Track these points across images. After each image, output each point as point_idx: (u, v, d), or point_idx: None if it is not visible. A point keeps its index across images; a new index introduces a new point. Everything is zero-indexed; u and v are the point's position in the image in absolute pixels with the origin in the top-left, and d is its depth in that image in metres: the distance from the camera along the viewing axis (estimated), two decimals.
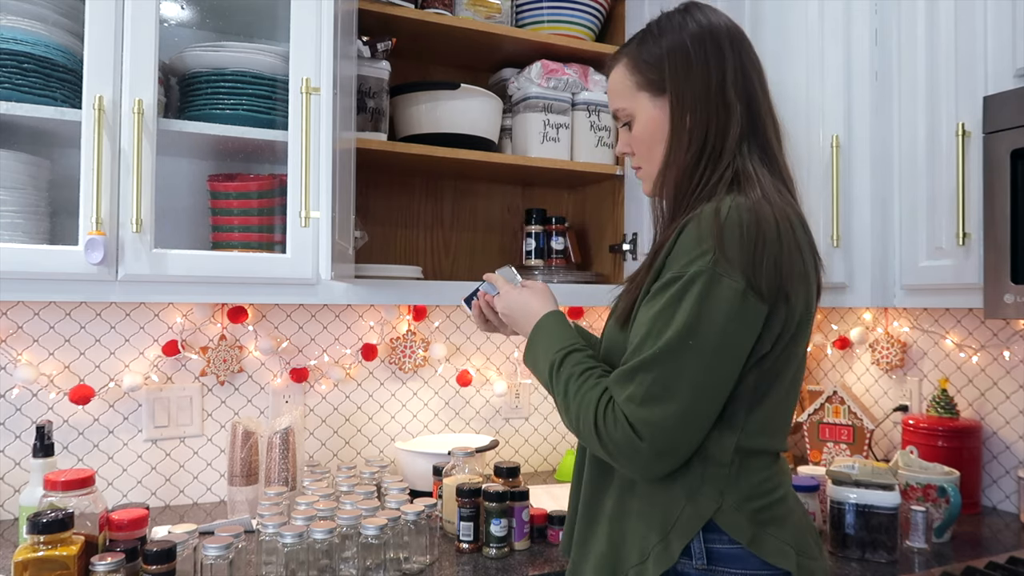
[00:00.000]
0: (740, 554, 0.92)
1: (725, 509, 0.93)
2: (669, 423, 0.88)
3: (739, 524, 0.93)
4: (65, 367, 1.59)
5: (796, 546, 0.94)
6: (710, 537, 0.93)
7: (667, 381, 0.88)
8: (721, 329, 0.88)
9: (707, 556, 0.93)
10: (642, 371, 0.89)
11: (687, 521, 0.93)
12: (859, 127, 1.63)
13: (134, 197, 1.31)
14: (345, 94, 1.41)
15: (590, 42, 1.89)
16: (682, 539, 0.93)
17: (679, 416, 0.88)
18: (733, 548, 0.93)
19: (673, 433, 0.89)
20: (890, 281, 1.62)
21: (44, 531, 1.01)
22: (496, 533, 1.34)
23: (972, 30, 1.43)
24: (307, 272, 1.45)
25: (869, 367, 2.05)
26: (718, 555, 0.93)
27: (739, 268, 0.88)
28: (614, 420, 0.90)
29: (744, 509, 0.93)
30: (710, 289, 0.88)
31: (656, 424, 0.88)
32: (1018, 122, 1.31)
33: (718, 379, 0.90)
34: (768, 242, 0.90)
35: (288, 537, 1.17)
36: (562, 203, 2.14)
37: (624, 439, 0.89)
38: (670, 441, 0.89)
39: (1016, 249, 1.30)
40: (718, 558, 0.93)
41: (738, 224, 0.90)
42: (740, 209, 0.91)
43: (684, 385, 0.88)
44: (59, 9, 1.36)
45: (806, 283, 0.96)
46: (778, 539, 0.94)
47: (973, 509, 1.67)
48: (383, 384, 1.89)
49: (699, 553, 0.93)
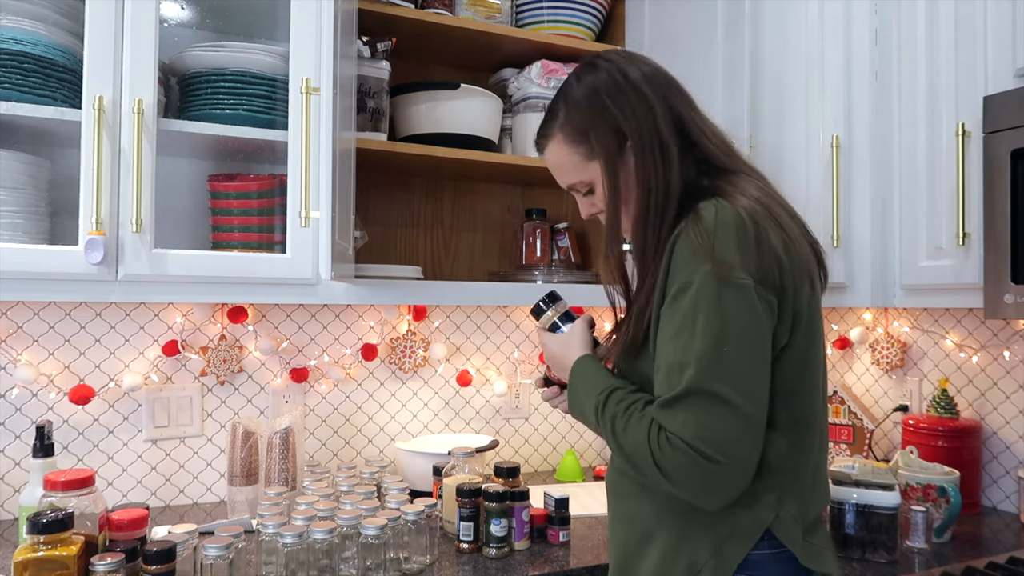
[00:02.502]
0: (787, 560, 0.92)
1: (783, 517, 0.92)
2: (737, 436, 0.85)
3: (796, 535, 0.92)
4: (65, 367, 1.59)
5: (832, 551, 0.96)
6: (763, 544, 0.92)
7: (719, 397, 0.85)
8: (748, 326, 0.87)
9: (757, 565, 0.92)
10: (690, 395, 0.86)
11: (746, 530, 0.91)
12: (859, 127, 1.63)
13: (134, 197, 1.31)
14: (345, 94, 1.41)
15: (590, 42, 1.89)
16: (741, 548, 0.91)
17: (744, 426, 0.85)
18: (778, 553, 0.92)
19: (746, 448, 0.86)
20: (890, 281, 1.62)
21: (44, 531, 1.01)
22: (496, 533, 1.34)
23: (972, 30, 1.43)
24: (307, 272, 1.45)
25: (869, 367, 2.05)
26: (759, 561, 0.92)
27: (741, 265, 0.87)
28: (672, 451, 0.86)
29: (801, 518, 0.93)
30: (722, 293, 0.87)
31: (724, 442, 0.84)
32: (1018, 122, 1.31)
33: (761, 377, 0.88)
34: (760, 232, 0.89)
35: (288, 537, 1.17)
36: (562, 203, 2.14)
37: (690, 465, 0.85)
38: (743, 454, 0.86)
39: (1016, 249, 1.30)
40: (757, 565, 0.91)
41: (727, 223, 0.89)
42: (724, 210, 0.90)
43: (735, 393, 0.85)
44: (59, 9, 1.36)
45: (807, 269, 0.95)
46: (818, 545, 0.94)
47: (973, 509, 1.67)
48: (383, 384, 1.89)
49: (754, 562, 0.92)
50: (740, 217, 0.89)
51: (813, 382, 0.97)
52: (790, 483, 0.93)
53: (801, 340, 0.93)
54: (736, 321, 0.86)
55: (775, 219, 0.93)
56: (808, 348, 0.95)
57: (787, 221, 0.95)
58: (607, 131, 0.99)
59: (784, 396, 0.92)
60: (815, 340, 0.97)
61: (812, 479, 0.97)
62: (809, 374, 0.96)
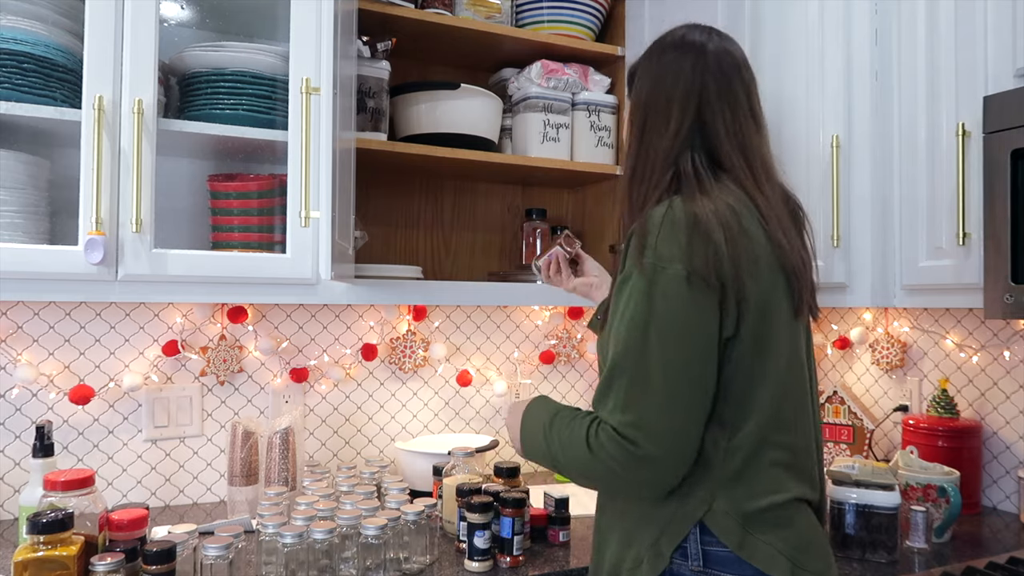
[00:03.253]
0: (735, 559, 0.92)
1: (715, 511, 0.92)
2: (654, 419, 0.88)
3: (728, 528, 0.92)
4: (65, 367, 1.59)
5: (791, 555, 0.92)
6: (706, 539, 0.93)
7: (639, 380, 0.88)
8: (675, 314, 0.89)
9: (703, 558, 0.92)
10: (615, 379, 0.91)
11: (677, 523, 0.93)
12: (859, 127, 1.63)
13: (134, 197, 1.31)
14: (345, 94, 1.41)
15: (590, 42, 1.89)
16: (672, 541, 0.93)
17: (661, 409, 0.88)
18: (728, 552, 0.92)
19: (661, 429, 0.88)
20: (890, 281, 1.62)
21: (44, 531, 1.01)
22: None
23: (972, 30, 1.43)
24: (307, 272, 1.45)
25: (869, 367, 2.05)
26: (714, 558, 0.92)
27: (678, 258, 0.90)
28: (606, 437, 0.89)
29: (735, 513, 0.92)
30: (654, 281, 0.90)
31: (643, 425, 0.88)
32: (1018, 122, 1.30)
33: (690, 363, 0.89)
34: (705, 231, 0.91)
35: (288, 537, 1.17)
36: (562, 203, 2.14)
37: (618, 451, 0.88)
38: (662, 439, 0.88)
39: (1016, 249, 1.30)
40: (714, 561, 0.92)
41: (673, 220, 0.93)
42: (676, 208, 0.94)
43: (657, 377, 0.88)
44: (59, 9, 1.36)
45: (758, 268, 0.95)
46: (771, 546, 0.92)
47: (973, 509, 1.67)
48: (383, 384, 1.89)
49: (695, 555, 0.93)
50: (686, 215, 0.93)
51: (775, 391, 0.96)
52: (729, 478, 0.93)
53: (751, 335, 0.94)
54: (665, 308, 0.89)
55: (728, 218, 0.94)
56: (765, 352, 0.95)
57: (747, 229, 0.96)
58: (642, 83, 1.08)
59: (734, 397, 0.93)
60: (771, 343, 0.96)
61: (767, 476, 0.95)
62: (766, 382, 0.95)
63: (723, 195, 0.97)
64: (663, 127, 1.03)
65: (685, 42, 1.06)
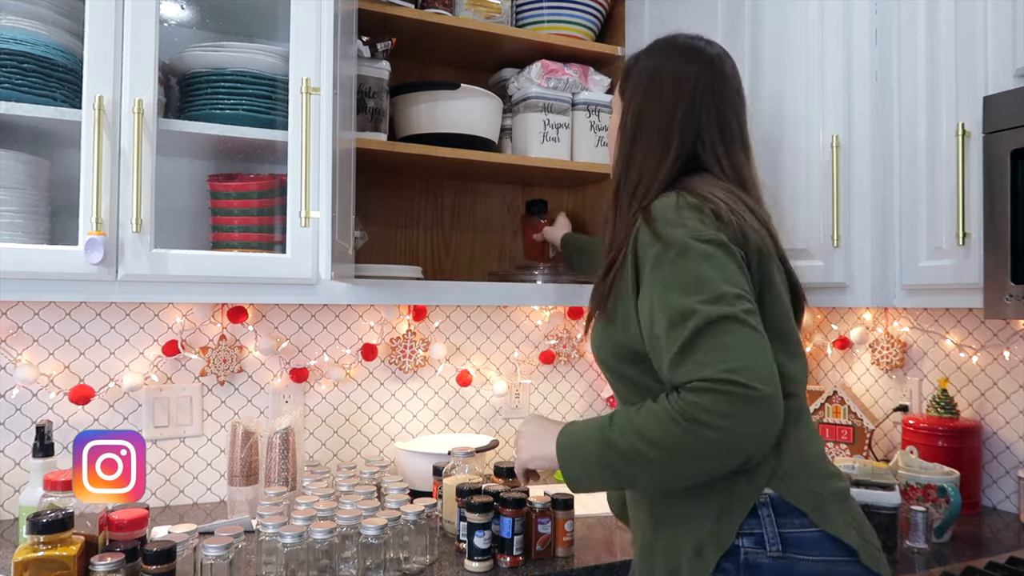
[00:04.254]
0: (816, 539, 0.89)
1: (781, 474, 0.91)
2: (757, 358, 0.84)
3: (799, 490, 0.90)
4: (65, 367, 1.59)
5: (857, 527, 0.92)
6: (783, 522, 0.90)
7: (719, 328, 0.85)
8: (735, 272, 0.90)
9: (782, 542, 0.89)
10: (703, 333, 0.84)
11: (741, 495, 0.90)
12: (859, 127, 1.63)
13: (134, 197, 1.31)
14: (345, 94, 1.41)
15: (590, 42, 1.89)
16: (739, 514, 0.90)
17: (757, 348, 0.84)
18: (808, 533, 0.90)
19: (766, 368, 0.84)
20: (890, 281, 1.62)
21: (44, 531, 1.01)
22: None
23: (972, 30, 1.43)
24: (307, 272, 1.45)
25: (869, 367, 2.05)
26: (794, 541, 0.89)
27: (708, 228, 0.93)
28: (702, 397, 0.82)
29: (801, 474, 0.91)
30: (703, 249, 0.91)
31: (746, 368, 0.82)
32: (1018, 122, 1.30)
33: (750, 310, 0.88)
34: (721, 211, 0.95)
35: (288, 537, 1.17)
36: (562, 203, 2.14)
37: (725, 402, 0.81)
38: (770, 377, 0.83)
39: (1016, 249, 1.30)
40: (794, 544, 0.89)
41: (687, 203, 0.96)
42: (684, 196, 0.97)
43: (733, 322, 0.85)
44: (59, 9, 1.36)
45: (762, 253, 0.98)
46: (842, 514, 0.91)
47: (973, 509, 1.67)
48: (383, 384, 1.89)
49: (773, 539, 0.89)
50: (699, 199, 0.96)
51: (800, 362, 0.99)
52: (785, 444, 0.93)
53: (772, 307, 0.97)
54: (723, 266, 0.90)
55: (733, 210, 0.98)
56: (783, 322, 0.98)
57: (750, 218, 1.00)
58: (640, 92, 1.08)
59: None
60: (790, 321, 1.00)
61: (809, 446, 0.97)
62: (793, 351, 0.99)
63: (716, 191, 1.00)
64: (659, 149, 1.04)
65: (689, 55, 1.07)
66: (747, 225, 0.97)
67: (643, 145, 1.05)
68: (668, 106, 1.04)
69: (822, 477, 0.95)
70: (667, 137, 1.04)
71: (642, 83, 1.08)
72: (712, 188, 1.00)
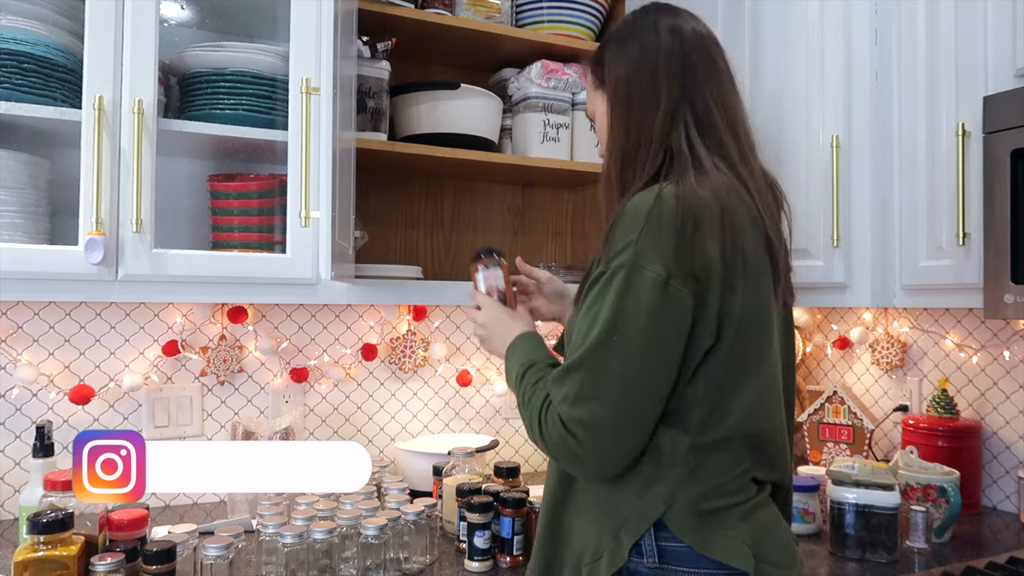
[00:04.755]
0: (691, 553, 0.90)
1: (675, 509, 0.91)
2: (600, 422, 0.88)
3: (688, 525, 0.91)
4: (65, 367, 1.59)
5: (755, 549, 0.91)
6: (661, 535, 0.91)
7: (595, 380, 0.89)
8: (645, 324, 0.87)
9: (658, 554, 0.91)
10: (573, 371, 0.91)
11: (636, 521, 0.92)
12: (859, 127, 1.63)
13: (134, 197, 1.31)
14: (345, 94, 1.41)
15: (590, 42, 1.89)
16: (631, 537, 0.92)
17: (610, 416, 0.88)
18: (684, 547, 0.90)
19: (605, 432, 0.89)
20: (890, 281, 1.62)
21: (44, 531, 1.02)
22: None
23: (972, 30, 1.43)
24: (307, 272, 1.45)
25: (869, 367, 2.05)
26: (670, 553, 0.91)
27: (659, 259, 0.88)
28: (552, 421, 0.91)
29: (696, 510, 0.91)
30: (631, 282, 0.88)
31: (587, 424, 0.88)
32: (1018, 122, 1.31)
33: (650, 375, 0.89)
34: (697, 229, 0.89)
35: (288, 537, 1.17)
36: (562, 203, 2.14)
37: (560, 439, 0.91)
38: (603, 441, 0.89)
39: (1016, 249, 1.30)
40: (670, 556, 0.91)
41: (662, 213, 0.89)
42: (667, 198, 0.90)
43: (612, 383, 0.88)
44: (59, 9, 1.36)
45: (748, 263, 0.93)
46: (735, 540, 0.91)
47: (973, 509, 1.67)
48: (383, 384, 1.89)
49: (650, 551, 0.91)
50: (677, 210, 0.89)
51: (757, 388, 0.95)
52: (690, 476, 0.91)
53: (737, 343, 0.92)
54: (636, 314, 0.87)
55: (729, 215, 0.92)
56: (750, 353, 0.94)
57: (743, 221, 0.94)
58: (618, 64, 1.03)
59: (704, 399, 0.92)
60: (759, 345, 0.96)
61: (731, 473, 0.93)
62: (750, 381, 0.94)
63: (716, 178, 0.94)
64: (651, 105, 0.99)
65: (660, 19, 1.03)
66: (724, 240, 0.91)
67: (636, 108, 1.00)
68: (650, 60, 1.00)
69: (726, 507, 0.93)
70: (655, 87, 0.98)
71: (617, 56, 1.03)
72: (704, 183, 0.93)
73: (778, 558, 0.93)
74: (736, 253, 0.91)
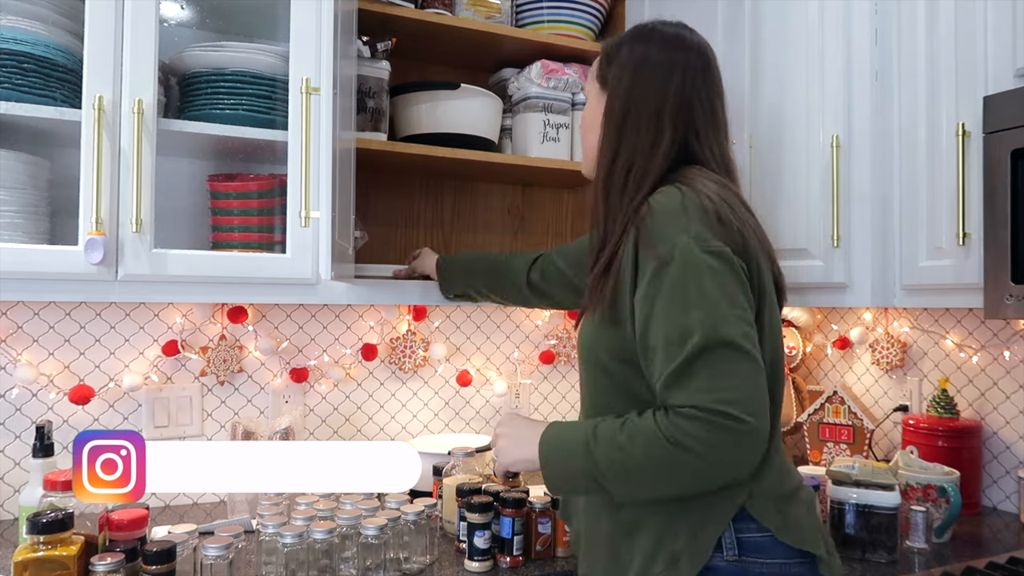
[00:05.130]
0: (769, 543, 0.91)
1: (757, 495, 0.92)
2: (752, 391, 0.85)
3: (770, 511, 0.92)
4: (65, 367, 1.59)
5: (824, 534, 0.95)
6: (740, 527, 0.92)
7: (732, 345, 0.85)
8: (737, 289, 0.90)
9: (738, 547, 0.91)
10: (700, 357, 0.85)
11: (720, 512, 0.91)
12: (859, 127, 1.62)
13: (134, 197, 1.31)
14: (345, 94, 1.41)
15: (590, 42, 1.89)
16: (715, 531, 0.91)
17: (753, 381, 0.86)
18: (763, 537, 0.91)
19: (760, 400, 0.86)
20: (890, 281, 1.61)
21: (44, 531, 1.02)
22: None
23: (972, 30, 1.43)
24: (307, 272, 1.45)
25: (869, 367, 2.05)
26: (749, 545, 0.91)
27: (712, 236, 0.91)
28: (690, 423, 0.83)
29: (773, 495, 0.93)
30: (707, 260, 0.89)
31: (742, 400, 0.84)
32: (1018, 122, 1.30)
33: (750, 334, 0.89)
34: (723, 213, 0.94)
35: (288, 537, 1.17)
36: (562, 203, 2.14)
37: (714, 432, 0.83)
38: (762, 410, 0.86)
39: (1016, 249, 1.30)
40: (749, 548, 0.91)
41: (693, 204, 0.93)
42: (688, 193, 0.95)
43: (736, 352, 0.86)
44: (59, 9, 1.36)
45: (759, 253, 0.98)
46: (810, 525, 0.94)
47: (973, 509, 1.67)
48: (383, 384, 1.89)
49: (730, 544, 0.91)
50: (702, 200, 0.94)
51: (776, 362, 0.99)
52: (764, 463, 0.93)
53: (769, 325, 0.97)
54: (725, 283, 0.89)
55: (732, 210, 0.97)
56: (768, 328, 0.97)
57: (745, 215, 0.99)
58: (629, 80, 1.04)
59: None
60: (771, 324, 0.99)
61: (779, 458, 0.98)
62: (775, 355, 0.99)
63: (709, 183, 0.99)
64: (650, 136, 1.01)
65: (676, 42, 1.05)
66: (745, 226, 0.96)
67: (633, 131, 1.02)
68: (659, 92, 1.02)
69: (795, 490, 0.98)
70: (659, 124, 1.01)
71: (628, 69, 1.04)
72: (709, 183, 0.98)
73: (829, 542, 0.98)
74: (749, 236, 0.96)
